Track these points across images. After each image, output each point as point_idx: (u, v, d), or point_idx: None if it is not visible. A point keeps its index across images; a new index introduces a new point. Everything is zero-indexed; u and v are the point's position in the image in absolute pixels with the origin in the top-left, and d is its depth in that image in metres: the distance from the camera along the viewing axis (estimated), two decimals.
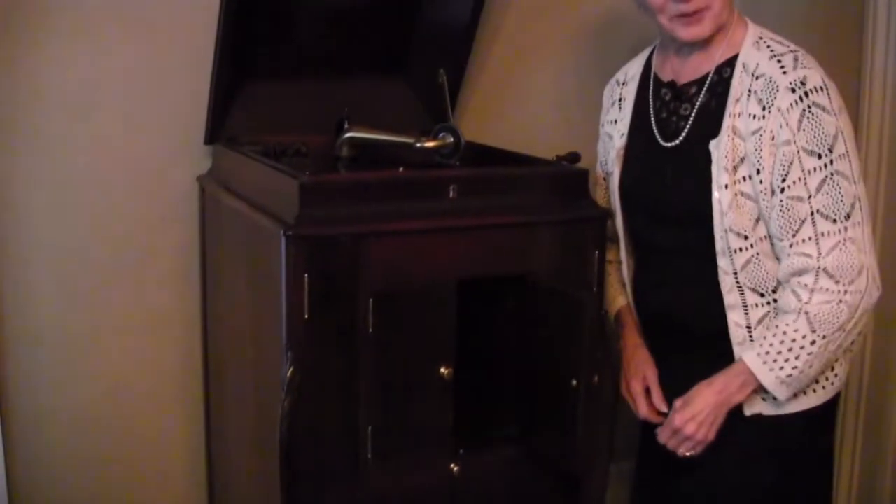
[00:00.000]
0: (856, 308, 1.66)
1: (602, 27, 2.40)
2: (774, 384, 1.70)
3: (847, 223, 1.65)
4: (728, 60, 1.76)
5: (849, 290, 1.65)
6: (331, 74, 2.05)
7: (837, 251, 1.65)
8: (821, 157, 1.64)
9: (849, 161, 1.66)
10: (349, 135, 1.97)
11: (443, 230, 1.65)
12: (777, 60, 1.70)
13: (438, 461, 1.72)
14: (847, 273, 1.65)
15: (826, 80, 1.67)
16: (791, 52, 1.71)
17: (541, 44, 2.36)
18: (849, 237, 1.65)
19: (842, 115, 1.67)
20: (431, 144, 1.93)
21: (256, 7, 1.85)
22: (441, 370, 1.65)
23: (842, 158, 1.65)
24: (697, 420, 1.73)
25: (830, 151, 1.64)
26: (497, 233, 1.70)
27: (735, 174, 1.71)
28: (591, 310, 1.69)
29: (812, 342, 1.66)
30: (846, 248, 1.65)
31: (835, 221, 1.65)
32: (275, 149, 1.95)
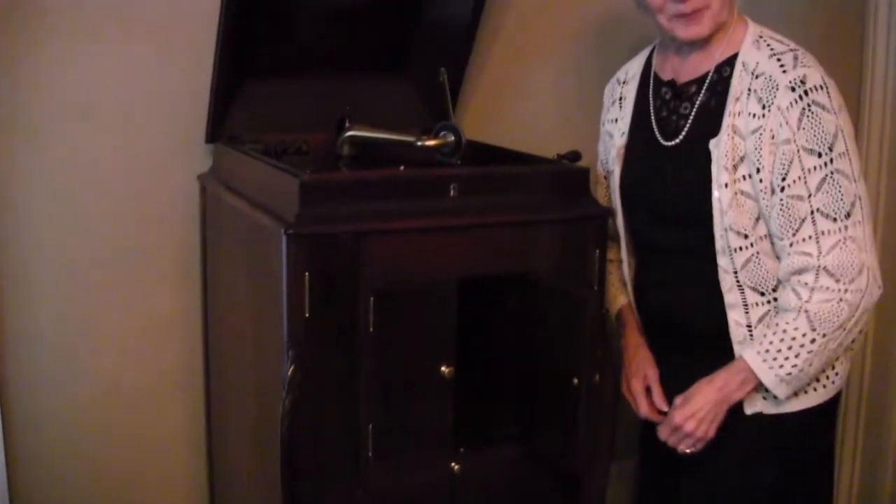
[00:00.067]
0: (856, 307, 1.67)
1: (602, 26, 2.40)
2: (774, 382, 1.70)
3: (847, 222, 1.65)
4: (728, 59, 1.77)
5: (849, 289, 1.65)
6: (332, 73, 2.05)
7: (838, 250, 1.65)
8: (821, 156, 1.64)
9: (849, 160, 1.66)
10: (350, 133, 1.97)
11: (443, 229, 1.65)
12: (777, 59, 1.70)
13: (439, 460, 1.72)
14: (847, 272, 1.65)
15: (826, 79, 1.67)
16: (791, 51, 1.71)
17: (541, 43, 2.37)
18: (849, 236, 1.65)
19: (842, 114, 1.67)
20: (432, 143, 1.93)
21: (257, 6, 1.85)
22: (442, 369, 1.65)
23: (842, 157, 1.65)
24: (697, 417, 1.74)
25: (830, 150, 1.64)
26: (498, 231, 1.70)
27: (735, 173, 1.71)
28: (592, 309, 1.69)
29: (812, 340, 1.66)
30: (846, 247, 1.65)
31: (835, 220, 1.65)
32: (275, 147, 1.95)
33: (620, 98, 1.95)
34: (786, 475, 1.81)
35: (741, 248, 1.73)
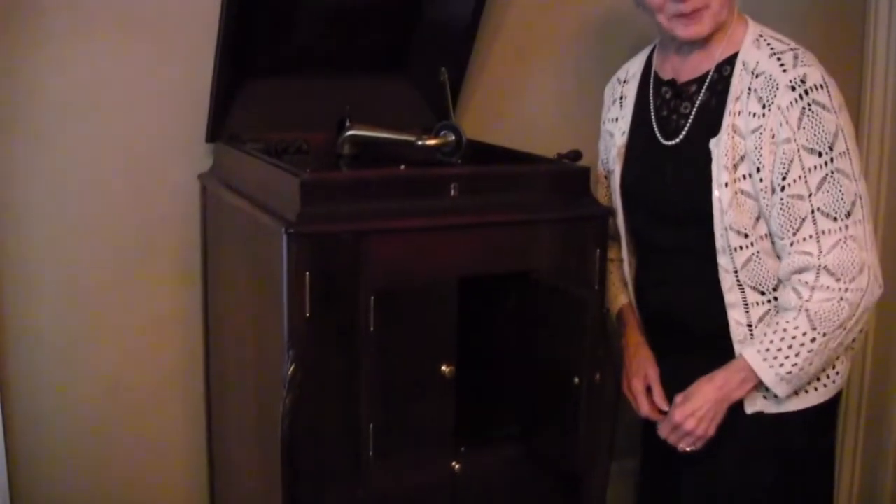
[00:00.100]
0: (857, 306, 1.66)
1: (603, 26, 2.40)
2: (774, 381, 1.70)
3: (848, 221, 1.65)
4: (728, 59, 1.76)
5: (850, 288, 1.65)
6: (332, 72, 2.05)
7: (838, 249, 1.65)
8: (821, 155, 1.64)
9: (849, 159, 1.66)
10: (350, 133, 1.97)
11: (444, 228, 1.65)
12: (777, 58, 1.70)
13: (440, 459, 1.72)
14: (848, 271, 1.65)
15: (826, 78, 1.67)
16: (791, 50, 1.71)
17: (542, 42, 2.36)
18: (850, 235, 1.65)
19: (842, 113, 1.67)
20: (433, 142, 1.93)
21: (257, 5, 1.85)
22: (442, 368, 1.65)
23: (842, 156, 1.65)
24: (697, 416, 1.74)
25: (831, 149, 1.64)
26: (498, 231, 1.70)
27: (735, 172, 1.71)
28: (593, 308, 1.69)
29: (812, 339, 1.66)
30: (847, 246, 1.65)
31: (835, 219, 1.65)
32: (276, 146, 1.95)
33: (621, 97, 1.95)
34: (786, 474, 1.81)
35: (741, 248, 1.73)
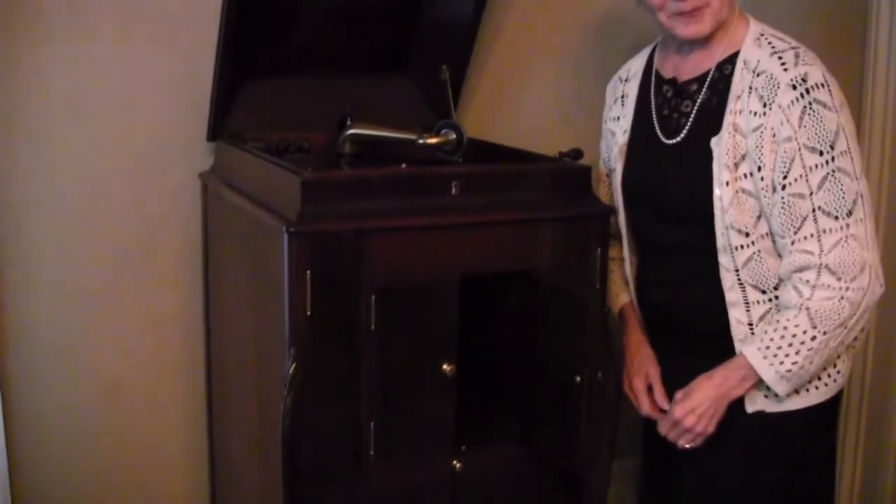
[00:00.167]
0: (858, 305, 1.66)
1: (604, 25, 2.39)
2: (774, 379, 1.70)
3: (849, 220, 1.65)
4: (729, 57, 1.76)
5: (851, 287, 1.65)
6: (333, 71, 2.05)
7: (839, 248, 1.65)
8: (822, 154, 1.64)
9: (850, 157, 1.66)
10: (352, 131, 1.97)
11: (445, 227, 1.65)
12: (778, 57, 1.69)
13: (440, 458, 1.72)
14: (849, 270, 1.65)
15: (827, 77, 1.67)
16: (792, 49, 1.71)
17: (543, 41, 2.36)
18: (851, 234, 1.65)
19: (843, 112, 1.67)
20: (434, 141, 1.92)
21: (258, 4, 1.85)
22: (443, 367, 1.65)
23: (843, 155, 1.65)
24: (697, 412, 1.74)
25: (832, 148, 1.64)
26: (499, 229, 1.70)
27: (736, 171, 1.70)
28: (594, 307, 1.69)
29: (812, 338, 1.66)
30: (848, 245, 1.65)
31: (836, 218, 1.65)
32: (277, 145, 1.95)
33: (622, 96, 1.95)
34: (787, 474, 1.81)
35: (742, 247, 1.73)
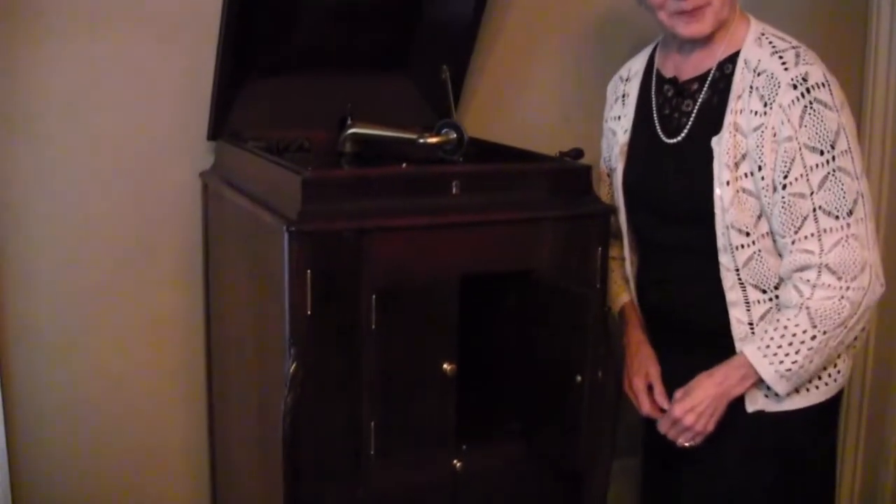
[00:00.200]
0: (858, 304, 1.66)
1: (604, 24, 2.39)
2: (774, 378, 1.70)
3: (849, 219, 1.65)
4: (730, 57, 1.76)
5: (851, 287, 1.65)
6: (334, 70, 2.05)
7: (840, 248, 1.65)
8: (823, 154, 1.64)
9: (851, 157, 1.66)
10: (352, 131, 1.97)
11: (445, 226, 1.64)
12: (779, 56, 1.69)
13: (441, 458, 1.72)
14: (850, 269, 1.65)
15: (828, 76, 1.67)
16: (793, 49, 1.71)
17: (543, 40, 2.36)
18: (851, 234, 1.65)
19: (844, 111, 1.67)
20: (434, 140, 1.92)
21: (259, 3, 1.85)
22: (444, 367, 1.65)
23: (844, 155, 1.65)
24: (697, 411, 1.74)
25: (832, 148, 1.64)
26: (500, 229, 1.69)
27: (737, 171, 1.70)
28: (594, 306, 1.69)
29: (812, 337, 1.66)
30: (849, 245, 1.65)
31: (837, 218, 1.65)
32: (278, 144, 1.95)
33: (623, 95, 1.95)
34: (787, 474, 1.81)
35: (743, 246, 1.72)
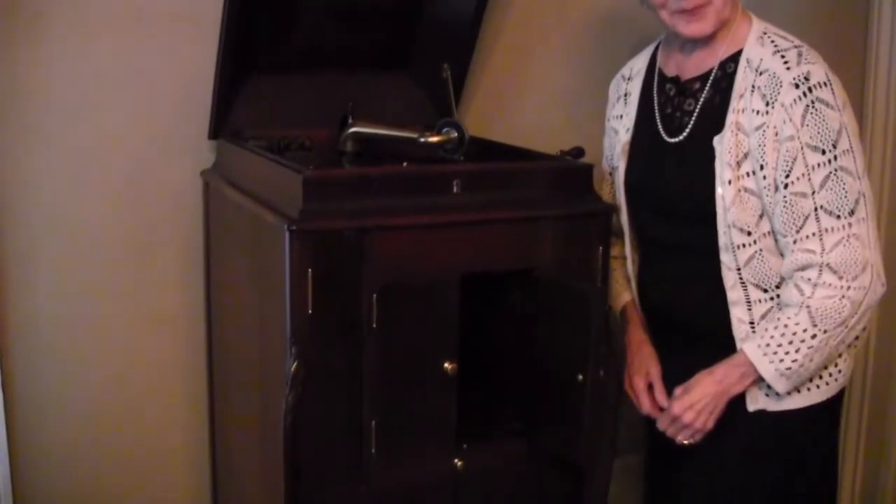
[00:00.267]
0: (859, 304, 1.66)
1: (605, 23, 2.39)
2: (774, 376, 1.70)
3: (851, 219, 1.65)
4: (732, 56, 1.76)
5: (852, 286, 1.65)
6: (335, 69, 2.05)
7: (841, 247, 1.65)
8: (824, 153, 1.64)
9: (853, 157, 1.66)
10: (353, 129, 1.97)
11: (446, 225, 1.64)
12: (781, 56, 1.69)
13: (442, 457, 1.72)
14: (851, 269, 1.65)
15: (830, 76, 1.67)
16: (795, 48, 1.70)
17: (545, 39, 2.36)
18: (853, 233, 1.65)
19: (846, 111, 1.67)
20: (435, 139, 1.92)
21: (260, 2, 1.85)
22: (445, 365, 1.65)
23: (845, 154, 1.65)
24: (696, 408, 1.74)
25: (834, 147, 1.64)
26: (501, 228, 1.69)
27: (738, 170, 1.70)
28: (596, 305, 1.69)
29: (813, 336, 1.66)
30: (850, 245, 1.65)
31: (838, 217, 1.65)
32: (279, 143, 1.95)
33: (625, 94, 1.94)
34: (788, 473, 1.81)
35: (744, 245, 1.72)
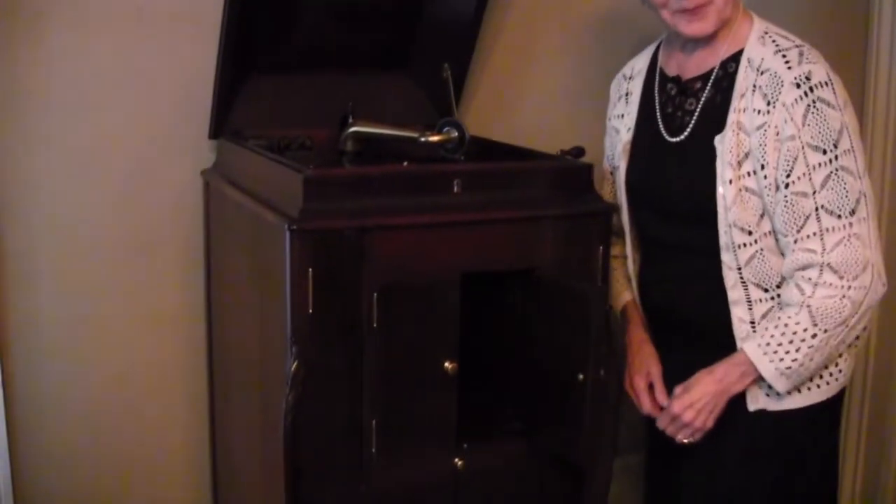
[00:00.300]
0: (859, 304, 1.66)
1: (606, 22, 2.39)
2: (774, 375, 1.69)
3: (852, 219, 1.65)
4: (733, 55, 1.76)
5: (853, 286, 1.65)
6: (335, 68, 2.05)
7: (842, 247, 1.65)
8: (825, 153, 1.64)
9: (854, 156, 1.66)
10: (353, 129, 1.97)
11: (447, 225, 1.64)
12: (782, 55, 1.69)
13: (442, 456, 1.72)
14: (851, 269, 1.65)
15: (831, 75, 1.67)
16: (796, 47, 1.70)
17: (545, 38, 2.36)
18: (854, 233, 1.65)
19: (847, 110, 1.67)
20: (436, 139, 1.92)
21: (260, 1, 1.85)
22: (445, 365, 1.65)
23: (847, 154, 1.65)
24: (696, 407, 1.74)
25: (835, 147, 1.64)
26: (501, 227, 1.69)
27: (739, 169, 1.70)
28: (596, 305, 1.69)
29: (813, 335, 1.66)
30: (851, 244, 1.65)
31: (839, 217, 1.65)
32: (279, 143, 1.95)
33: (626, 94, 1.94)
34: (789, 472, 1.80)
35: (745, 245, 1.72)
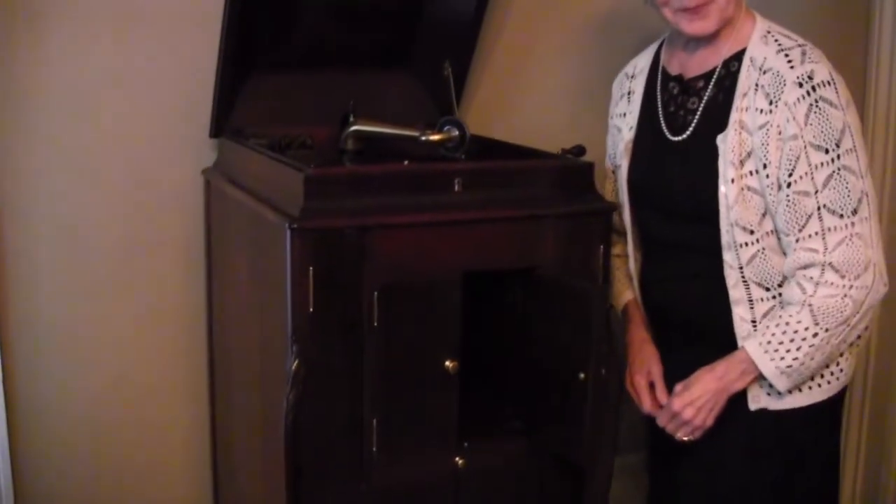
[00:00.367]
0: (861, 303, 1.66)
1: (608, 21, 2.39)
2: (774, 374, 1.69)
3: (854, 218, 1.65)
4: (735, 54, 1.76)
5: (854, 285, 1.65)
6: (336, 67, 2.05)
7: (844, 246, 1.65)
8: (828, 152, 1.64)
9: (856, 156, 1.66)
10: (354, 128, 1.97)
11: (448, 223, 1.64)
12: (784, 54, 1.69)
13: (443, 455, 1.72)
14: (853, 268, 1.65)
15: (833, 75, 1.67)
16: (799, 46, 1.70)
17: (546, 37, 2.36)
18: (855, 232, 1.65)
19: (849, 110, 1.66)
20: (436, 138, 1.92)
21: (261, 1, 1.85)
22: (446, 364, 1.65)
23: (849, 153, 1.65)
24: (696, 405, 1.74)
25: (837, 146, 1.64)
26: (502, 226, 1.69)
27: (742, 168, 1.70)
28: (597, 304, 1.69)
29: (814, 334, 1.66)
30: (853, 244, 1.65)
31: (841, 216, 1.65)
32: (280, 142, 1.95)
33: (629, 92, 1.94)
34: (790, 472, 1.80)
35: (747, 244, 1.72)
